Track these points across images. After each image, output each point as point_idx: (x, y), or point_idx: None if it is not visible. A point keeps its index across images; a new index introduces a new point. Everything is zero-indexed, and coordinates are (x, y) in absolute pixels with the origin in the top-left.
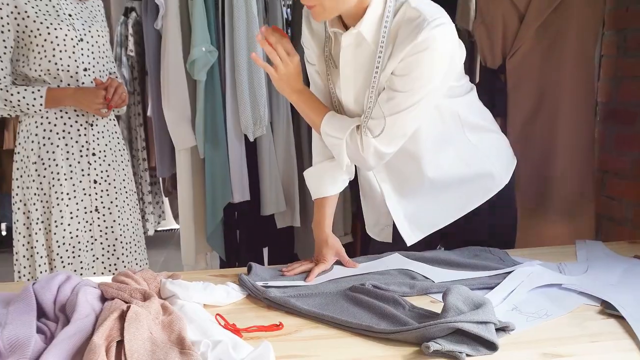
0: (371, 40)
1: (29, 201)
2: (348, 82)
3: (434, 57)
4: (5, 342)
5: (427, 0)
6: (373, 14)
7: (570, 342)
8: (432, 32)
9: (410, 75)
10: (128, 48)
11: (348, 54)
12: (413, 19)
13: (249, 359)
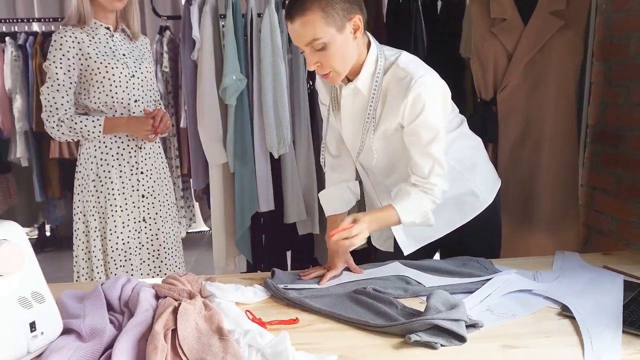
0: (365, 92)
1: (88, 212)
2: (347, 121)
3: (434, 108)
4: (87, 329)
5: (412, 58)
6: (367, 72)
7: (527, 337)
8: (420, 89)
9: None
10: (163, 64)
11: (347, 102)
12: (402, 78)
13: (271, 344)
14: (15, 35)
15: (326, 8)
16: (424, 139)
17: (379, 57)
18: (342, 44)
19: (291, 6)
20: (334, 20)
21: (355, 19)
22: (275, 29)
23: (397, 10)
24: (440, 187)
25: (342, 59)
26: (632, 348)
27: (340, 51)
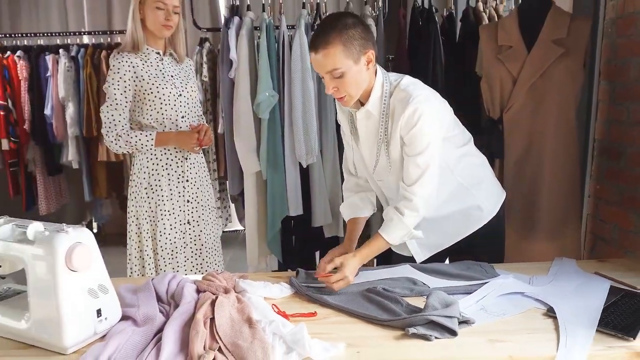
0: (376, 114)
1: (141, 216)
2: (364, 141)
3: (426, 121)
4: (141, 317)
5: (412, 81)
6: (375, 95)
7: (512, 333)
8: (416, 105)
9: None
10: (202, 74)
11: (362, 124)
12: (403, 98)
13: (291, 333)
14: (68, 47)
15: (346, 43)
16: (416, 149)
17: (385, 82)
18: (357, 73)
19: (315, 39)
20: (351, 53)
21: (369, 53)
22: (304, 49)
23: (418, 31)
24: (420, 197)
25: (356, 86)
26: (602, 345)
27: (355, 79)
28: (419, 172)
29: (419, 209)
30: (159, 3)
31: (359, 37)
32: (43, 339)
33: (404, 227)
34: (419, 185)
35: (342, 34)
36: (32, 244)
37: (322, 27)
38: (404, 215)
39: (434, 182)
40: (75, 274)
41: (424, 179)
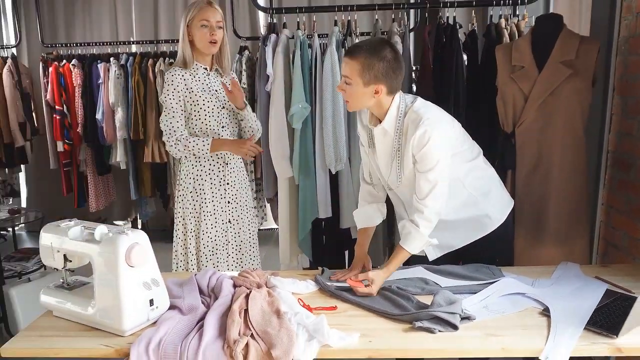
0: (391, 132)
1: (187, 217)
2: (381, 155)
3: (435, 141)
4: (186, 306)
5: (425, 103)
6: (391, 116)
7: (508, 329)
8: (426, 127)
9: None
10: (242, 81)
11: (379, 140)
12: (414, 120)
13: (313, 323)
14: (118, 56)
15: (365, 66)
16: (426, 166)
17: (400, 104)
18: (360, 92)
19: (352, 46)
20: (364, 76)
21: (379, 87)
22: (335, 65)
23: (443, 47)
24: (432, 208)
25: (356, 99)
26: (587, 341)
27: (357, 94)
28: (430, 186)
29: (431, 220)
30: (203, 21)
31: (378, 69)
32: (106, 323)
33: (421, 237)
34: (430, 199)
35: (367, 58)
36: (98, 244)
37: (364, 41)
38: (420, 227)
39: (444, 195)
40: (133, 269)
41: (434, 193)
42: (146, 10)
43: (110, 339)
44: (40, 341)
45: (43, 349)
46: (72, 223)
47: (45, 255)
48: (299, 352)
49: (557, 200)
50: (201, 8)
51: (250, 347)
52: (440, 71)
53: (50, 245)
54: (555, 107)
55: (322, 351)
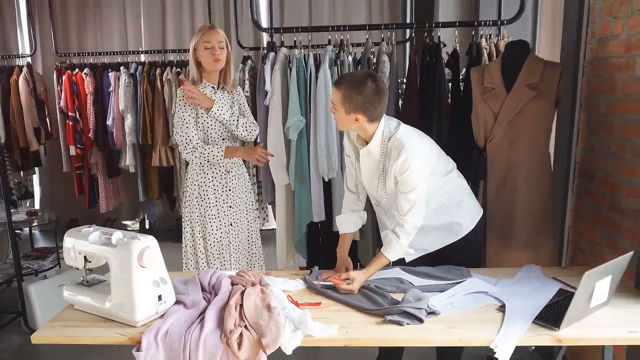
0: (376, 155)
1: (194, 220)
2: (365, 172)
3: (415, 168)
4: (189, 302)
5: (407, 131)
6: (376, 140)
7: (467, 322)
8: (408, 154)
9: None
10: (245, 89)
11: (364, 159)
12: (397, 146)
13: (298, 316)
14: (128, 65)
15: (346, 96)
16: (407, 188)
17: (385, 129)
18: (343, 118)
19: (340, 77)
20: (346, 104)
21: (358, 116)
22: (328, 81)
23: (427, 64)
24: (411, 224)
25: (341, 123)
26: (533, 332)
27: (341, 119)
28: (410, 205)
29: (411, 233)
30: (206, 43)
31: (356, 102)
32: (120, 316)
33: (401, 247)
34: (410, 216)
35: (347, 90)
36: (114, 247)
37: (350, 73)
38: (400, 238)
39: (422, 212)
40: (144, 269)
41: (414, 211)
42: (154, 20)
43: (124, 328)
44: (64, 330)
45: (67, 337)
46: (92, 229)
47: (67, 256)
48: (286, 341)
49: (523, 210)
50: (204, 32)
51: (244, 336)
52: (425, 87)
53: (73, 248)
54: (522, 126)
55: (306, 340)
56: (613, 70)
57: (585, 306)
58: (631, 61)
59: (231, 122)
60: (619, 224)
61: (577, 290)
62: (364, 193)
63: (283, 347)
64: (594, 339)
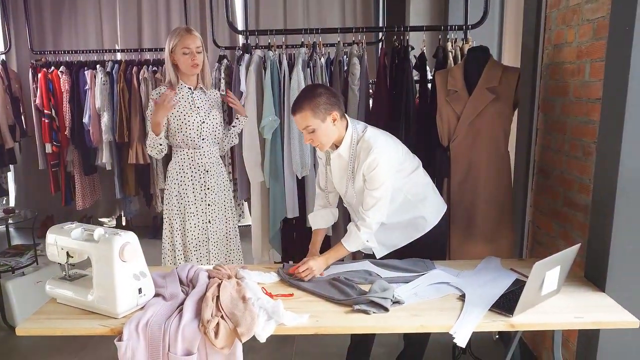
0: (345, 157)
1: (173, 217)
2: (335, 174)
3: (382, 168)
4: (168, 294)
5: (374, 133)
6: (346, 143)
7: (429, 310)
8: (375, 155)
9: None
10: (220, 88)
11: (335, 162)
12: (366, 148)
13: (271, 306)
14: (104, 64)
15: (314, 108)
16: (373, 186)
17: (353, 132)
18: (325, 129)
19: (294, 105)
20: (318, 115)
21: (334, 114)
22: (301, 82)
23: (395, 67)
24: (373, 219)
25: (326, 137)
26: (489, 319)
27: (323, 133)
28: (374, 201)
29: (371, 227)
30: (184, 49)
31: (324, 103)
32: (102, 308)
33: (359, 239)
34: (373, 211)
35: (311, 102)
36: (96, 243)
37: (299, 96)
38: (360, 232)
39: (385, 209)
40: (125, 263)
41: (377, 207)
42: (130, 19)
43: (106, 320)
44: (48, 322)
45: (51, 328)
46: (74, 225)
47: (50, 251)
48: (260, 329)
49: (484, 205)
50: (182, 36)
51: (221, 326)
52: (394, 89)
53: (55, 244)
54: (482, 127)
55: (279, 329)
56: (566, 75)
57: (537, 294)
58: (582, 67)
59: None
60: (571, 218)
61: (528, 280)
62: (334, 192)
63: (257, 336)
64: (544, 324)
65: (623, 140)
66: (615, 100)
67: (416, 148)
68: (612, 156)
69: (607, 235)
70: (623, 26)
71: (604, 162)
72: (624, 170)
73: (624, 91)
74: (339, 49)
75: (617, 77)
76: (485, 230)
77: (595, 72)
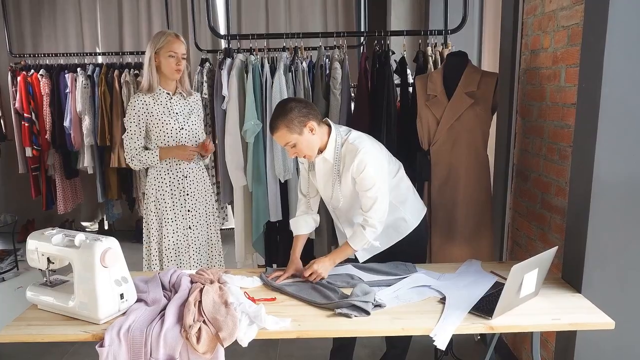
0: (331, 160)
1: (150, 223)
2: (320, 178)
3: (371, 167)
4: (150, 299)
5: (358, 135)
6: (330, 147)
7: (410, 313)
8: (362, 156)
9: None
10: (203, 92)
11: (320, 166)
12: (351, 150)
13: (253, 310)
14: (85, 67)
15: (288, 124)
16: (366, 187)
17: (337, 137)
18: (305, 140)
19: (270, 125)
20: (294, 129)
21: (309, 124)
22: (283, 86)
23: (377, 70)
24: (375, 218)
25: (308, 148)
26: (469, 321)
27: (305, 144)
28: (371, 202)
29: (376, 226)
30: (170, 52)
31: (297, 116)
32: (84, 314)
33: (364, 238)
34: (373, 211)
35: (284, 119)
36: (77, 249)
37: (272, 116)
38: (365, 231)
39: (384, 207)
40: (106, 269)
41: (376, 206)
42: (111, 22)
43: (87, 326)
44: (29, 329)
45: (32, 335)
46: (55, 231)
47: (30, 258)
48: (242, 334)
49: (464, 208)
50: (169, 41)
51: (202, 331)
52: (375, 93)
53: (36, 250)
54: (461, 131)
55: (260, 333)
56: (543, 80)
57: (515, 297)
58: (557, 72)
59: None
60: (549, 221)
61: (507, 282)
62: (316, 198)
63: (239, 340)
64: (522, 326)
65: (597, 144)
66: (589, 106)
67: (397, 151)
68: (586, 160)
69: (582, 237)
70: (596, 33)
71: (579, 166)
72: (599, 174)
73: (598, 97)
74: (321, 53)
75: (590, 83)
76: (466, 233)
77: (570, 77)
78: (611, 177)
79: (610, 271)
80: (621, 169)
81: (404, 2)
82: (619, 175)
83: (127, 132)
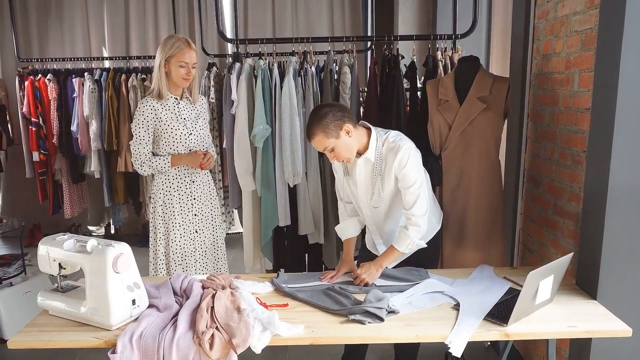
0: (372, 160)
1: (158, 227)
2: (361, 180)
3: (412, 162)
4: (162, 305)
5: (397, 134)
6: (372, 147)
7: (424, 320)
8: (404, 152)
9: (407, 179)
10: (210, 96)
11: (361, 168)
12: (393, 148)
13: (266, 317)
14: (92, 71)
15: (325, 129)
16: (408, 183)
17: (378, 136)
18: (342, 143)
19: (306, 132)
20: (331, 134)
21: (345, 127)
22: (292, 92)
23: (387, 74)
24: (418, 215)
25: (346, 151)
26: (484, 328)
27: (343, 147)
28: (414, 198)
29: (419, 224)
30: (182, 62)
31: (332, 121)
32: (95, 320)
33: (409, 239)
34: (415, 208)
35: (320, 124)
36: (89, 254)
37: (308, 123)
38: (409, 231)
39: (426, 201)
40: (118, 275)
41: (418, 203)
42: (118, 26)
43: (99, 332)
44: (40, 335)
45: (43, 341)
46: (66, 237)
47: (42, 263)
48: (255, 341)
49: (475, 213)
50: (181, 49)
51: (215, 337)
52: (384, 97)
53: (47, 255)
54: (473, 136)
55: (274, 339)
56: (555, 85)
57: (531, 303)
58: (570, 77)
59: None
60: (562, 226)
61: (523, 289)
62: (352, 204)
63: (252, 347)
64: (538, 333)
65: (613, 150)
66: (605, 111)
67: None
68: (602, 166)
69: (598, 243)
70: (611, 38)
71: (594, 172)
72: (614, 179)
73: (614, 102)
74: (329, 59)
75: (606, 88)
76: (477, 238)
77: (584, 82)
78: (627, 183)
79: (627, 278)
80: (637, 175)
81: (411, 6)
82: (635, 180)
83: (135, 138)
